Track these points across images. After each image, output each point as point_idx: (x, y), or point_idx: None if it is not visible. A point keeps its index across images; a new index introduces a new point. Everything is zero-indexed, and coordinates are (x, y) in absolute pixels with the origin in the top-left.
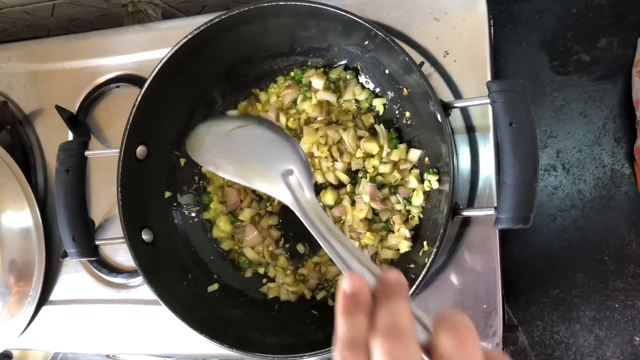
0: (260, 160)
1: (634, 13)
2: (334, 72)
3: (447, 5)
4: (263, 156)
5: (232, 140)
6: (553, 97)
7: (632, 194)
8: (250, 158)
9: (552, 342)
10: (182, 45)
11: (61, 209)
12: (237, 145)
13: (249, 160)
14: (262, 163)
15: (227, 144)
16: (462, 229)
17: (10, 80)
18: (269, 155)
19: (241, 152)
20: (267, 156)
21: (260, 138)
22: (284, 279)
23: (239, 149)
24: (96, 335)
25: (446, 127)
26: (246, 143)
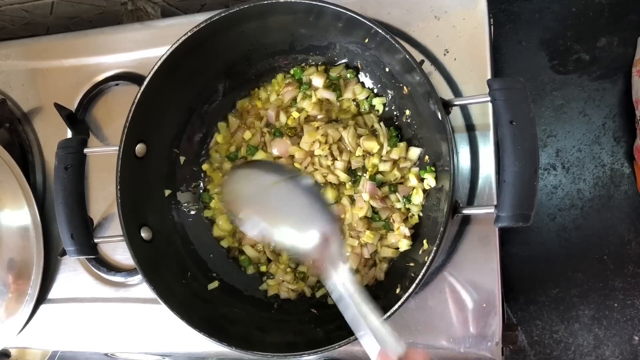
0: (302, 216)
1: (633, 12)
2: (334, 70)
3: (447, 4)
4: (305, 212)
5: (274, 193)
6: (553, 96)
7: (632, 193)
8: (291, 213)
9: (551, 342)
10: (181, 43)
11: (60, 206)
12: (278, 199)
13: (289, 214)
14: (304, 219)
15: (269, 197)
16: (461, 227)
17: (9, 78)
18: (311, 212)
19: (282, 206)
20: (309, 213)
21: (302, 193)
22: (284, 276)
23: (280, 203)
24: (95, 333)
25: (446, 125)
26: (288, 197)
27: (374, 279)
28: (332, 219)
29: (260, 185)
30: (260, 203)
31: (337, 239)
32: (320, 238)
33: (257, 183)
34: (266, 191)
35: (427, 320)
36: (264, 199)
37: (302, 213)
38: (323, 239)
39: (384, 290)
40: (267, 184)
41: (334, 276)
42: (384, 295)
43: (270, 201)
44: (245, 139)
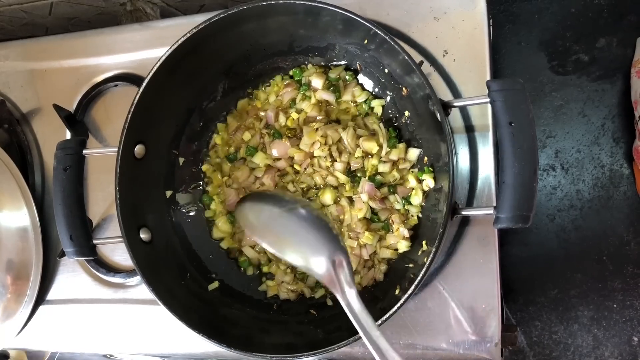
0: (312, 244)
1: (632, 13)
2: (333, 71)
3: (446, 5)
4: (314, 240)
5: (285, 221)
6: (552, 97)
7: (631, 194)
8: (301, 241)
9: (551, 342)
10: (180, 44)
11: (59, 208)
12: (289, 227)
13: (299, 242)
14: (313, 247)
15: (280, 225)
16: (461, 228)
17: (8, 79)
18: (320, 240)
19: (293, 234)
20: (318, 241)
21: (311, 222)
22: (284, 277)
23: (291, 231)
24: (94, 335)
25: (445, 126)
26: (299, 225)
27: (373, 279)
28: (341, 247)
29: (271, 213)
30: (273, 230)
31: (345, 265)
32: (328, 265)
33: (269, 211)
34: (278, 219)
35: (426, 321)
36: (276, 226)
37: (312, 241)
38: (333, 265)
39: (383, 292)
40: (278, 213)
41: (342, 299)
42: (383, 296)
43: (282, 229)
44: (244, 139)
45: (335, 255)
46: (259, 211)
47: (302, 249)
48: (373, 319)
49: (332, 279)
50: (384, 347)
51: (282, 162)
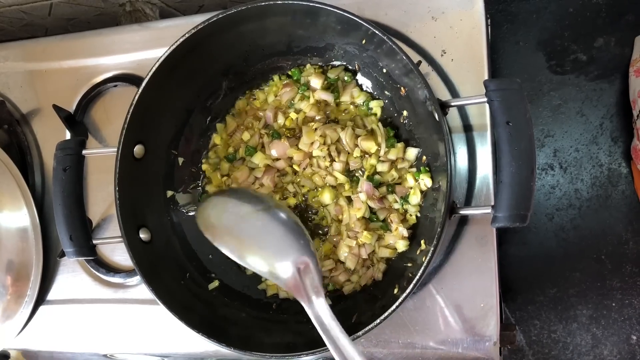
0: (277, 247)
1: (630, 12)
2: (332, 71)
3: (444, 5)
4: (280, 243)
5: (250, 223)
6: (550, 97)
7: (629, 193)
8: (266, 243)
9: (550, 341)
10: (179, 44)
11: (59, 208)
12: (254, 229)
13: (264, 245)
14: (278, 250)
15: (245, 227)
16: (459, 228)
17: (8, 80)
18: (286, 243)
19: (257, 237)
20: (284, 244)
21: (278, 224)
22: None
23: (256, 233)
24: (94, 335)
25: (443, 126)
26: (264, 228)
27: (371, 279)
28: (309, 252)
29: (236, 215)
30: (236, 233)
31: (313, 270)
32: (294, 270)
33: (233, 212)
34: (242, 221)
35: (424, 320)
36: (239, 228)
37: (278, 244)
38: (298, 271)
39: (382, 291)
40: (244, 214)
41: (308, 308)
42: (381, 295)
43: (246, 231)
44: (243, 139)
45: (301, 260)
46: (222, 211)
47: (266, 252)
48: (343, 329)
49: (297, 285)
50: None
51: (281, 162)
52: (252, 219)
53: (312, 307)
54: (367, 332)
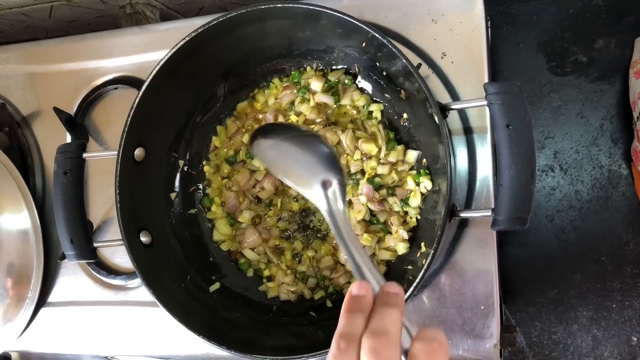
0: (306, 166)
1: (630, 14)
2: (333, 74)
3: (444, 7)
4: (310, 163)
5: (288, 146)
6: (550, 98)
7: (630, 194)
8: (299, 163)
9: (550, 343)
10: (180, 47)
11: (59, 211)
12: (291, 151)
13: (297, 164)
14: (307, 170)
15: (285, 148)
16: (459, 230)
17: (8, 82)
18: (316, 163)
19: (292, 157)
20: (314, 164)
21: (311, 147)
22: (284, 278)
23: (292, 154)
24: (95, 337)
25: (443, 128)
26: (299, 149)
27: None
28: (335, 168)
29: (275, 147)
30: (278, 165)
31: (337, 185)
32: (321, 185)
33: (278, 136)
34: (285, 140)
35: (425, 322)
36: (279, 159)
37: (311, 159)
38: (323, 185)
39: None
40: (288, 136)
41: (326, 214)
42: None
43: (288, 149)
44: (244, 142)
45: (327, 176)
46: (269, 146)
47: (298, 173)
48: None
49: (321, 198)
50: (359, 261)
51: None
52: (289, 141)
53: (335, 213)
54: None
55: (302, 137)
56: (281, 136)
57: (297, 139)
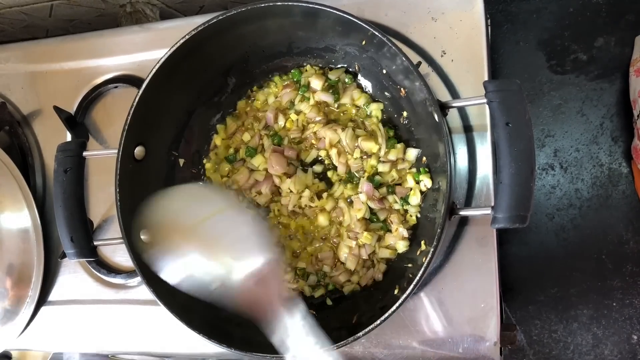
0: (240, 250)
1: (630, 12)
2: (333, 73)
3: (444, 5)
4: (243, 248)
5: (212, 225)
6: (550, 96)
7: (630, 192)
8: (228, 247)
9: (550, 341)
10: (180, 45)
11: (59, 210)
12: (216, 232)
13: (226, 249)
14: (241, 254)
15: (206, 229)
16: (459, 228)
17: (9, 81)
18: (249, 248)
19: (220, 240)
20: (247, 249)
21: (240, 230)
22: (284, 276)
23: (218, 237)
24: (95, 335)
25: (443, 127)
26: (225, 234)
27: (372, 279)
28: (273, 256)
29: (196, 214)
30: (196, 234)
31: (277, 276)
32: (258, 274)
33: (192, 211)
34: (204, 222)
35: (425, 320)
36: (201, 229)
37: (242, 246)
38: (262, 275)
39: (382, 291)
40: (206, 214)
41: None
42: (382, 296)
43: (208, 233)
44: (244, 140)
45: (267, 264)
46: (183, 208)
47: (232, 254)
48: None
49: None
50: None
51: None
52: (214, 219)
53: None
54: (367, 333)
55: (232, 213)
56: (219, 207)
57: (229, 216)
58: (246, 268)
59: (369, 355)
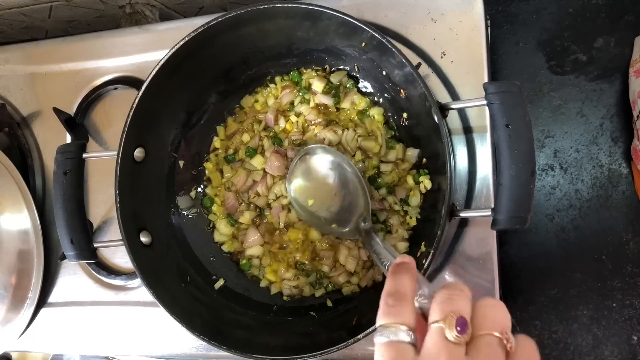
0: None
1: (630, 13)
2: (335, 76)
3: (444, 6)
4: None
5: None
6: (550, 97)
7: (630, 193)
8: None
9: (550, 342)
10: (179, 47)
11: (59, 211)
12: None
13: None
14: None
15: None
16: (459, 229)
17: (8, 83)
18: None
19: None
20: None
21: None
22: (285, 274)
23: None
24: (95, 336)
25: (443, 128)
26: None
27: (372, 280)
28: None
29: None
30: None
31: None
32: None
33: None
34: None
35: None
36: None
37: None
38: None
39: None
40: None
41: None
42: None
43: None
44: (243, 141)
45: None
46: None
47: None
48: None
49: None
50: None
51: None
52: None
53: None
54: (367, 335)
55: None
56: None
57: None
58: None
59: (369, 356)
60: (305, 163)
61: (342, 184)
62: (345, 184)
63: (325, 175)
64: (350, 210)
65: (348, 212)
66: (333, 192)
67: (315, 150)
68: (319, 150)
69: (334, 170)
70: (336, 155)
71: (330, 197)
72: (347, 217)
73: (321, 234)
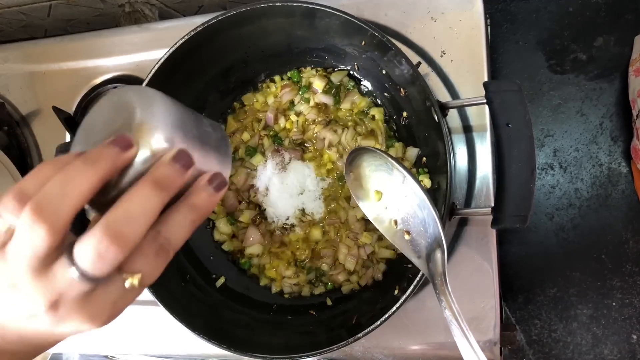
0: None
1: (630, 12)
2: (336, 75)
3: (444, 5)
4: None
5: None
6: (550, 96)
7: (629, 192)
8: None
9: (550, 341)
10: (179, 45)
11: None
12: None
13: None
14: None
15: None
16: (459, 228)
17: (7, 81)
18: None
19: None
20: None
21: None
22: (285, 272)
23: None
24: (95, 335)
25: (443, 127)
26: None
27: (371, 279)
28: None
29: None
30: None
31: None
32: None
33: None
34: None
35: (425, 321)
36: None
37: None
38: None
39: (382, 292)
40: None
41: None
42: (382, 296)
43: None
44: (243, 140)
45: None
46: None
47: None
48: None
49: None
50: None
51: None
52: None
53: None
54: (367, 334)
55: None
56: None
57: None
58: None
59: (368, 355)
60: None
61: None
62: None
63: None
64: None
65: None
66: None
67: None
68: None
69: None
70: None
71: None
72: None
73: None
